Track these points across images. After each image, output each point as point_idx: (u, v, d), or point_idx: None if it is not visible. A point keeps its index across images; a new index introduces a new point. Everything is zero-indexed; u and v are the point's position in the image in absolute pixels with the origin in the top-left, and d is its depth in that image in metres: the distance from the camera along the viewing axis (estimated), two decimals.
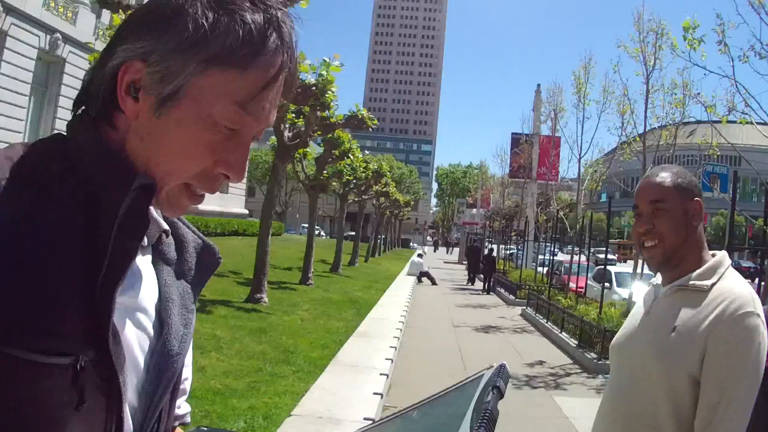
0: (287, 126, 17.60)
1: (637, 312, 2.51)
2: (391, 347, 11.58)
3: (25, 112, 28.45)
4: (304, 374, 9.41)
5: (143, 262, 1.21)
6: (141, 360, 1.15)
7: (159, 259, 1.27)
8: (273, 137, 18.43)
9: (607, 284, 18.77)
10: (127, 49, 1.09)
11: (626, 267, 24.14)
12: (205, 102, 1.08)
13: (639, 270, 15.25)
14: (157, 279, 1.25)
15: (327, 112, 15.77)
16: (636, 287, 14.87)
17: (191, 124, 1.09)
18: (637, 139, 17.28)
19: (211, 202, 45.48)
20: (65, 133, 1.15)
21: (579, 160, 22.78)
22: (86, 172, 1.07)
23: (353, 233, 45.54)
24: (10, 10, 26.42)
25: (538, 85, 37.44)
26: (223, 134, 1.11)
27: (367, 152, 36.63)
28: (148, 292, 1.20)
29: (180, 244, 1.33)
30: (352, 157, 25.89)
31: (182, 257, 1.32)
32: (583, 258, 19.75)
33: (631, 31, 17.22)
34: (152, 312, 1.20)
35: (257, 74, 1.10)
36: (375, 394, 8.23)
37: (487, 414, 1.04)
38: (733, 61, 11.77)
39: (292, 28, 1.16)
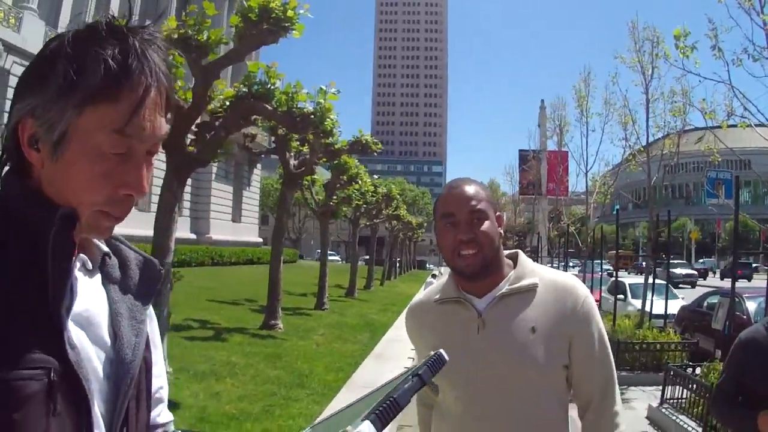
0: (292, 154, 17.76)
1: (449, 331, 2.43)
2: (405, 368, 11.60)
3: None
4: (318, 397, 9.53)
5: (92, 282, 1.37)
6: (100, 370, 1.29)
7: (105, 278, 1.41)
8: (280, 166, 18.60)
9: (621, 296, 18.75)
10: (19, 108, 1.26)
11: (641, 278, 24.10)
12: (88, 138, 1.22)
13: (651, 281, 15.21)
14: (107, 296, 1.39)
15: (330, 138, 15.90)
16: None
17: (83, 161, 1.23)
18: (641, 149, 17.29)
19: (225, 232, 45.71)
20: None
21: (586, 174, 22.82)
22: (18, 216, 1.24)
23: (368, 257, 45.62)
24: (12, 50, 25.23)
25: (542, 100, 37.50)
26: (113, 161, 1.25)
27: (376, 176, 36.69)
28: (98, 309, 1.34)
29: (123, 263, 1.47)
30: (360, 182, 25.98)
31: (126, 274, 1.46)
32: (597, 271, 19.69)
33: (627, 42, 17.29)
34: (105, 326, 1.34)
35: (127, 100, 1.23)
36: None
37: (387, 401, 1.07)
38: (728, 65, 11.82)
39: (160, 50, 1.31)
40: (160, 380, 1.56)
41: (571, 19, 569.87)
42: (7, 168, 1.33)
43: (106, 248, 1.42)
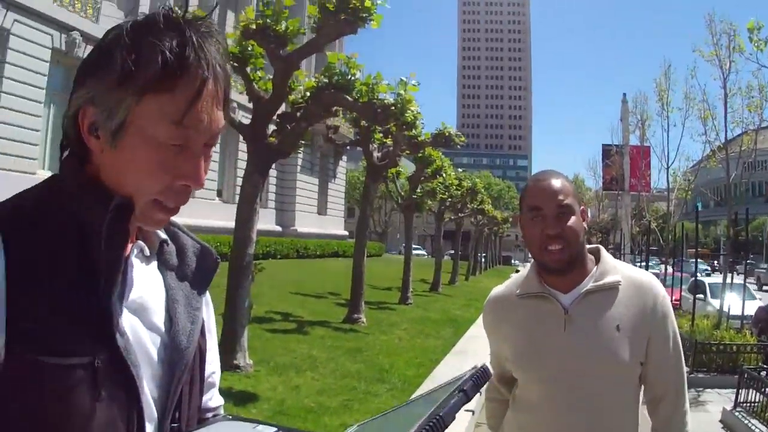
0: (376, 146, 17.74)
1: (533, 326, 2.44)
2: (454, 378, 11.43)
3: (42, 121, 25.73)
4: (398, 392, 9.43)
5: (149, 269, 1.41)
6: (154, 354, 1.33)
7: (163, 265, 1.45)
8: (364, 158, 18.60)
9: (701, 296, 18.19)
10: (78, 96, 1.28)
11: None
12: (147, 127, 1.24)
13: (729, 281, 14.71)
14: (164, 283, 1.43)
15: (413, 131, 15.82)
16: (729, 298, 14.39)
17: (141, 149, 1.25)
18: (721, 147, 16.79)
19: (311, 225, 46.15)
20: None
21: (667, 170, 22.25)
22: (73, 203, 1.27)
23: (453, 252, 45.50)
24: (90, 40, 24.81)
25: (624, 94, 36.76)
26: (171, 151, 1.26)
27: (461, 170, 36.55)
28: (154, 295, 1.39)
29: (180, 250, 1.50)
30: (444, 175, 25.84)
31: (183, 261, 1.49)
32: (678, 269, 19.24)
33: (705, 35, 16.76)
34: (161, 312, 1.38)
35: (184, 92, 1.24)
36: (467, 410, 8.15)
37: (433, 420, 1.05)
38: None
39: (214, 41, 1.31)
40: (213, 365, 1.60)
41: (652, 10, 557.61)
42: (66, 153, 1.37)
43: (164, 235, 1.47)
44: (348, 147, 23.07)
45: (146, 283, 1.37)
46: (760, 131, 16.25)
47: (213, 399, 1.63)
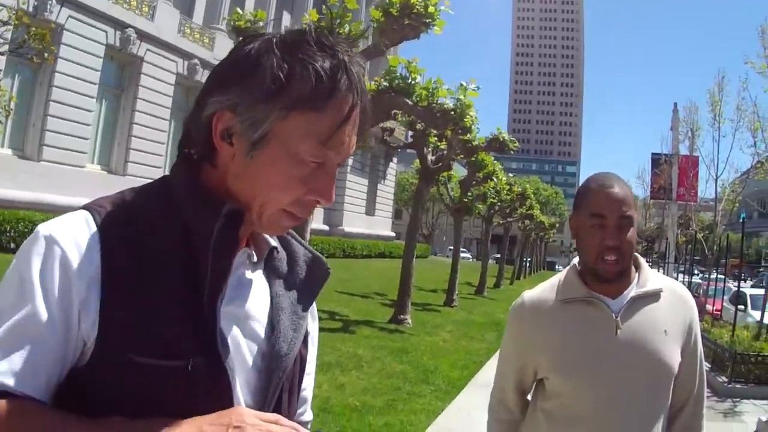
0: (430, 150, 17.79)
1: (581, 332, 2.36)
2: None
3: (166, 135, 28.56)
4: (441, 393, 9.48)
5: (255, 275, 1.41)
6: (250, 360, 1.33)
7: (271, 272, 1.45)
8: (417, 160, 18.64)
9: (742, 306, 17.94)
10: (217, 101, 1.27)
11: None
12: (291, 142, 1.25)
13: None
14: (270, 289, 1.43)
15: (468, 135, 15.84)
16: None
17: (281, 162, 1.26)
18: None
19: (358, 225, 46.24)
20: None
21: (716, 180, 21.97)
22: (182, 206, 1.29)
23: (499, 255, 45.26)
24: (145, 37, 26.45)
25: (675, 104, 36.19)
26: (310, 167, 1.27)
27: (511, 174, 36.39)
28: (259, 302, 1.39)
29: (291, 258, 1.51)
30: (495, 179, 25.81)
31: (293, 270, 1.49)
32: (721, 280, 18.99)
33: (757, 48, 16.54)
34: (263, 319, 1.39)
35: (333, 114, 1.26)
36: None
37: None
38: None
39: (361, 68, 1.32)
40: (309, 379, 1.59)
41: (705, 20, 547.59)
42: (180, 158, 1.39)
43: (274, 242, 1.46)
44: (400, 149, 23.14)
45: (250, 290, 1.37)
46: None
47: (305, 414, 1.61)
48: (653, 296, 2.37)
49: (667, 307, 2.37)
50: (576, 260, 2.52)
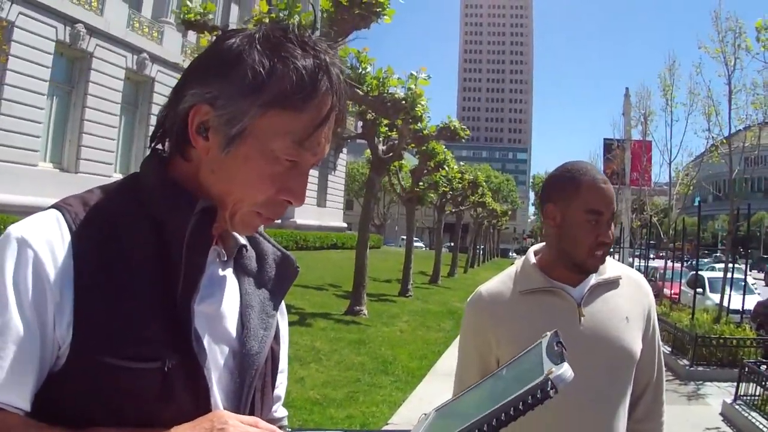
0: (381, 139, 17.80)
1: (543, 321, 2.22)
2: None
3: (116, 131, 28.31)
4: (402, 384, 9.51)
5: (225, 273, 1.38)
6: (221, 361, 1.31)
7: (241, 270, 1.42)
8: (368, 151, 18.61)
9: (700, 290, 18.31)
10: (195, 94, 1.24)
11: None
12: (267, 140, 1.23)
13: (729, 275, 14.78)
14: (239, 288, 1.40)
15: (419, 124, 15.86)
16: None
17: (256, 159, 1.24)
18: (724, 141, 16.84)
19: (310, 217, 46.11)
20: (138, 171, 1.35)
21: (669, 164, 22.30)
22: (154, 202, 1.25)
23: (452, 244, 45.48)
24: (94, 32, 26.14)
25: (627, 89, 36.59)
26: (284, 166, 1.25)
27: (462, 163, 36.60)
28: (229, 300, 1.36)
29: (260, 256, 1.48)
30: (447, 168, 25.88)
31: (262, 268, 1.47)
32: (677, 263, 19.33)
33: (710, 32, 16.77)
34: (234, 318, 1.36)
35: (311, 115, 1.24)
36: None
37: (564, 354, 1.11)
38: None
39: (340, 70, 1.30)
40: (282, 376, 1.56)
41: (656, 6, 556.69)
42: (151, 154, 1.36)
43: (243, 240, 1.44)
44: (350, 140, 23.08)
45: (221, 288, 1.35)
46: (763, 127, 16.30)
47: (279, 410, 1.59)
48: (613, 283, 2.39)
49: (627, 294, 2.40)
50: (534, 248, 2.51)
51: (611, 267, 2.43)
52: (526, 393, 1.01)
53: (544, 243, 2.52)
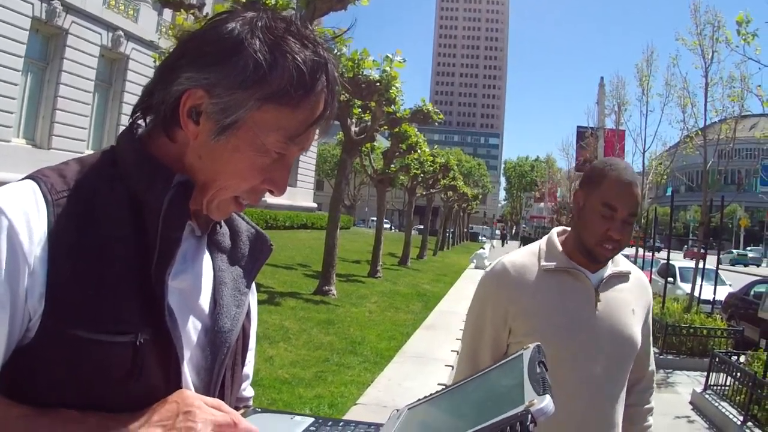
0: (354, 121, 17.73)
1: (565, 299, 2.42)
2: (457, 339, 11.51)
3: (90, 108, 28.04)
4: (370, 365, 9.54)
5: (198, 249, 1.37)
6: (194, 337, 1.31)
7: (214, 247, 1.42)
8: (340, 132, 18.57)
9: (671, 279, 18.53)
10: (191, 77, 1.22)
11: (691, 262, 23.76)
12: (260, 133, 1.23)
13: (702, 265, 14.96)
14: (212, 264, 1.40)
15: (393, 106, 15.86)
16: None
17: (246, 150, 1.24)
18: (699, 132, 16.99)
19: (280, 196, 46.03)
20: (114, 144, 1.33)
21: (643, 154, 22.47)
22: (131, 175, 1.24)
23: (422, 226, 45.59)
24: (71, 9, 25.83)
25: (602, 78, 36.88)
26: (272, 158, 1.26)
27: (434, 146, 36.63)
28: (202, 277, 1.36)
29: (234, 233, 1.48)
30: (419, 151, 25.92)
31: (236, 245, 1.47)
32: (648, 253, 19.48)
33: (688, 24, 16.87)
34: (207, 294, 1.36)
35: (306, 113, 1.25)
36: (439, 384, 8.28)
37: (546, 382, 1.02)
38: None
39: (336, 67, 1.30)
40: (250, 354, 1.56)
41: None
42: (128, 128, 1.33)
43: None
44: None
45: (194, 264, 1.34)
46: (738, 120, 16.45)
47: (247, 389, 1.60)
48: (624, 277, 2.54)
49: (634, 288, 2.55)
50: (557, 230, 2.64)
51: (623, 262, 2.60)
52: (503, 422, 0.95)
53: (566, 227, 2.67)
